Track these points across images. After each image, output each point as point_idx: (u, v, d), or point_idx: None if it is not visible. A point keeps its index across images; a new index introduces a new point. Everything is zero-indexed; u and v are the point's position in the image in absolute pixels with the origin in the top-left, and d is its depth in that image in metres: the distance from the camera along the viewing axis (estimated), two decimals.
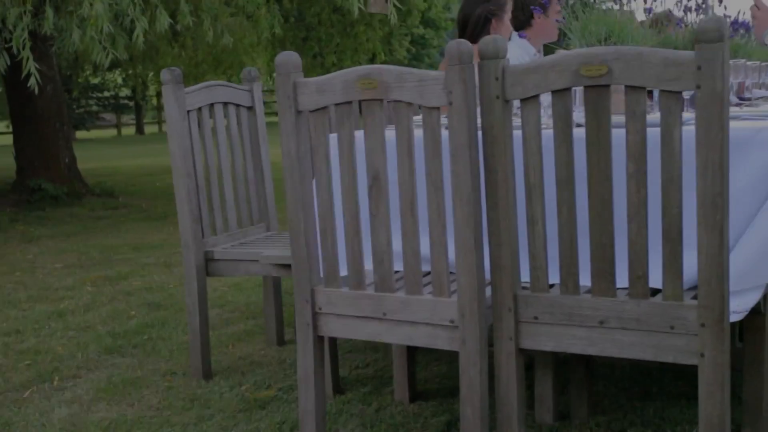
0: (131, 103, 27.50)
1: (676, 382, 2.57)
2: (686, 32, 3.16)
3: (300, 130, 2.02)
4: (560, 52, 2.97)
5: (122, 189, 9.55)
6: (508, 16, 3.64)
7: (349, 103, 1.96)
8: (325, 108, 1.99)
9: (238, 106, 3.08)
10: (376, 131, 1.93)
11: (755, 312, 1.96)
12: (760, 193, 1.92)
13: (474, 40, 3.64)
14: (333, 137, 2.04)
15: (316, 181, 2.04)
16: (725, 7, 3.89)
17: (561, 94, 1.76)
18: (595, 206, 1.77)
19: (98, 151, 17.67)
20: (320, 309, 2.08)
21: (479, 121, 1.84)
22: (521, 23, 4.11)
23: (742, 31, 4.98)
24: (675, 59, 1.62)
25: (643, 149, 1.70)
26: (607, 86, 1.70)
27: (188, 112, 2.79)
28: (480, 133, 1.84)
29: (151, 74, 12.58)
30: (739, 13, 5.72)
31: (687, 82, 1.61)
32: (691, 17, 3.40)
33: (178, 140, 2.75)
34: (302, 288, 2.08)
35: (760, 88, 3.34)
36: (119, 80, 24.82)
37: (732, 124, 2.02)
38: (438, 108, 1.84)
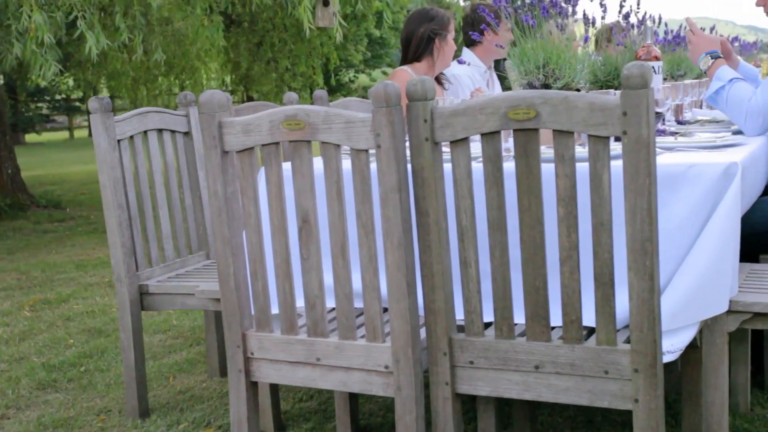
0: (83, 106, 26.96)
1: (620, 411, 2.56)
2: (627, 51, 3.16)
3: (227, 171, 1.95)
4: (509, 70, 2.95)
5: (70, 199, 9.34)
6: (451, 35, 3.62)
7: (277, 143, 1.90)
8: (252, 148, 1.93)
9: (173, 132, 2.99)
10: (304, 173, 1.88)
11: (692, 346, 1.95)
12: (692, 230, 1.91)
13: (418, 59, 3.61)
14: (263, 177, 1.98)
15: (245, 222, 1.98)
16: (666, 24, 3.91)
17: (490, 137, 1.72)
18: (527, 250, 1.74)
19: (47, 156, 17.30)
20: (252, 354, 2.02)
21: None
22: (472, 40, 4.10)
23: (683, 44, 5.03)
24: (601, 104, 1.59)
25: (573, 193, 1.67)
26: (536, 129, 1.67)
27: (119, 141, 2.70)
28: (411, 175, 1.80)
29: (102, 79, 12.36)
30: (681, 27, 5.80)
31: (613, 127, 1.59)
32: (633, 34, 3.41)
33: (108, 171, 2.65)
34: (233, 333, 2.02)
35: (700, 107, 3.36)
36: (70, 82, 24.33)
37: (664, 159, 2.01)
38: (366, 150, 1.79)
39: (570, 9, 2.70)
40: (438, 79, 3.72)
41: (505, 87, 4.21)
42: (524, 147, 1.69)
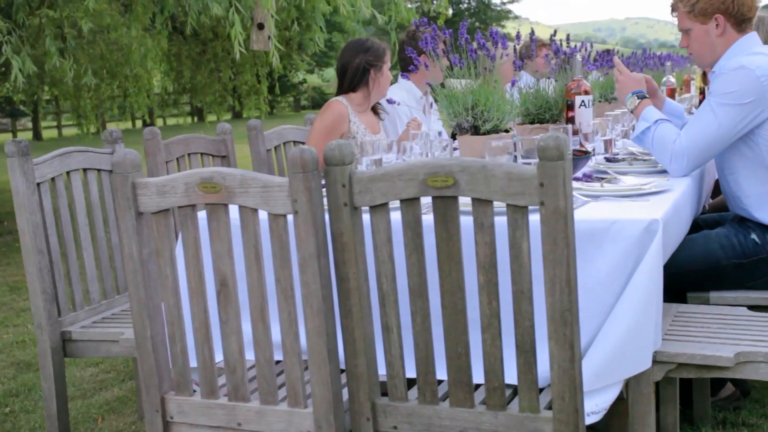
0: (27, 109, 26.25)
1: None
2: (557, 87, 3.16)
3: (142, 232, 1.89)
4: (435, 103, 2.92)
5: (10, 210, 9.05)
6: (387, 65, 3.59)
7: (193, 205, 1.84)
8: (168, 210, 1.87)
9: (99, 171, 2.90)
10: (221, 236, 1.82)
11: (618, 398, 1.95)
12: (615, 287, 1.91)
13: (353, 89, 3.57)
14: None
15: (162, 284, 1.91)
16: (594, 60, 3.94)
17: (409, 203, 1.69)
18: (448, 316, 1.71)
19: None
20: (171, 418, 1.96)
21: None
22: (407, 64, 4.08)
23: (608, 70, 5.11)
24: (518, 174, 1.57)
25: (493, 260, 1.65)
26: (455, 197, 1.65)
27: (39, 184, 2.60)
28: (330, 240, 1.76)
29: (46, 87, 12.06)
30: (611, 51, 5.85)
31: (531, 197, 1.57)
32: (564, 63, 3.42)
33: (27, 216, 2.56)
34: (151, 396, 1.95)
35: (626, 136, 3.39)
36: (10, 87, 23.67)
37: (588, 212, 2.01)
38: (284, 215, 1.74)
39: (499, 51, 2.69)
40: (374, 109, 3.69)
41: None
42: (443, 214, 1.66)
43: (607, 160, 2.85)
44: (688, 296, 2.64)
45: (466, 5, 37.95)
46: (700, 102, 8.02)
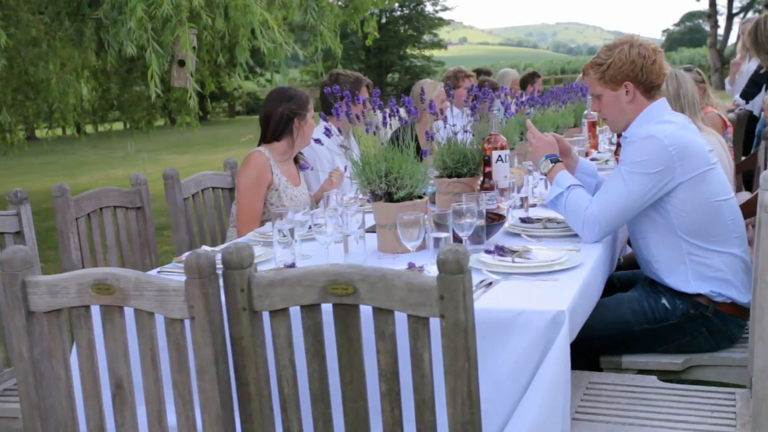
0: None
1: None
2: (475, 140, 3.16)
3: (33, 332, 1.80)
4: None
5: None
6: (310, 114, 3.55)
7: (87, 306, 1.76)
8: (60, 309, 1.78)
9: (2, 234, 2.78)
10: (116, 338, 1.75)
11: None
12: (522, 378, 1.90)
13: (277, 139, 3.52)
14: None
15: (55, 386, 1.83)
16: (513, 103, 3.96)
17: (309, 308, 1.65)
18: (351, 423, 1.67)
19: None
20: None
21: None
22: (329, 106, 4.04)
23: (550, 103, 5.17)
24: (419, 285, 1.54)
25: (395, 369, 1.61)
26: (356, 305, 1.61)
27: None
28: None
29: None
30: (531, 90, 5.94)
31: (432, 309, 1.54)
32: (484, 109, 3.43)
33: None
34: None
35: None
36: None
37: (496, 299, 2.00)
38: (181, 320, 1.68)
39: (411, 118, 2.67)
40: (296, 159, 3.65)
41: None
42: (344, 321, 1.63)
43: (522, 220, 2.86)
44: (601, 360, 2.66)
45: (399, 13, 38.10)
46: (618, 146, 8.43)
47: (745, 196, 4.21)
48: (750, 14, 37.45)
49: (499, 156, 3.13)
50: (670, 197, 2.54)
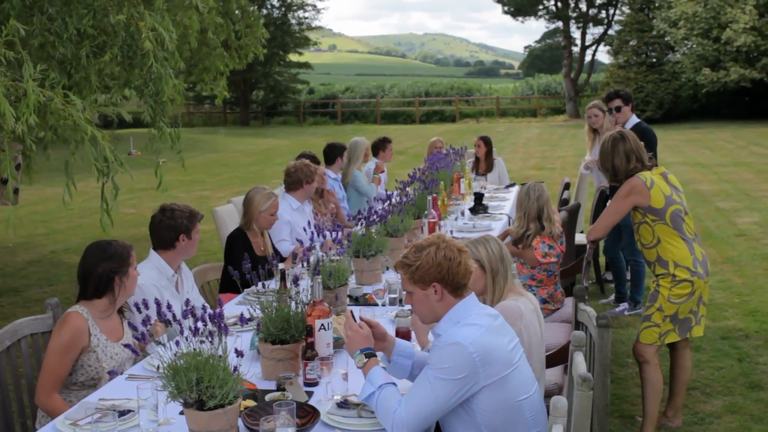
0: None
1: None
2: (299, 309, 3.19)
3: None
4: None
5: None
6: (132, 267, 3.46)
7: None
8: None
9: None
10: None
11: None
12: None
13: (99, 297, 3.40)
14: None
15: None
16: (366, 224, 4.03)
17: None
18: None
19: None
20: None
21: None
22: (163, 242, 4.01)
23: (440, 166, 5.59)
24: None
25: None
26: None
27: None
28: None
29: None
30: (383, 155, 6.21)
31: None
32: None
33: None
34: None
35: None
36: None
37: None
38: None
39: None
40: (120, 310, 3.54)
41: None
42: None
43: (339, 405, 2.89)
44: None
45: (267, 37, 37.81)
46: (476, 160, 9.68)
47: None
48: (601, 47, 39.70)
49: (322, 324, 3.18)
50: (475, 398, 2.65)
